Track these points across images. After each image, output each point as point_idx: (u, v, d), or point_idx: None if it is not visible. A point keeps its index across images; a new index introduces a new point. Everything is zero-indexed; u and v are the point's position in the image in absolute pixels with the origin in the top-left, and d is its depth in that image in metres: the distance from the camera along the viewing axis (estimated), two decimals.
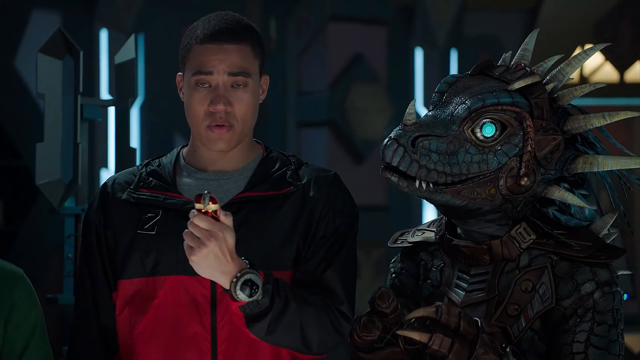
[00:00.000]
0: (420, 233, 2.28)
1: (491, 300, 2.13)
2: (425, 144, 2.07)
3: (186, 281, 2.15)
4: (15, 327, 2.18)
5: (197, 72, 2.17)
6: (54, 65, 3.00)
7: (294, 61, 5.90)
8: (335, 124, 5.77)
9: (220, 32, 2.17)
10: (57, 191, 2.99)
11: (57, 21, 5.70)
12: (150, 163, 2.28)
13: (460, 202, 2.10)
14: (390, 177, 2.08)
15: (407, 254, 2.30)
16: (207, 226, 2.00)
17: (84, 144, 3.03)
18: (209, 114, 2.17)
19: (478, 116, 2.10)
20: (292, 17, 5.91)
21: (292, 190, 2.22)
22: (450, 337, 1.97)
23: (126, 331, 2.20)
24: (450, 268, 2.20)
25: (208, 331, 2.15)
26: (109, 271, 2.21)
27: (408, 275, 2.28)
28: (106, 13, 5.71)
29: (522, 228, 2.14)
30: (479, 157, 2.10)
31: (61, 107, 3.00)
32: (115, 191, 2.24)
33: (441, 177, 2.08)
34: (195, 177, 2.24)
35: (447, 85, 2.17)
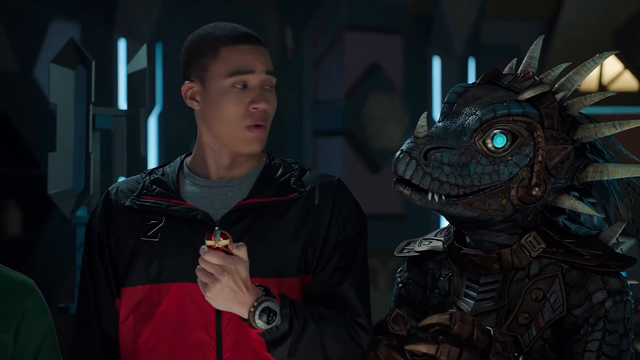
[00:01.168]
0: (427, 242, 2.28)
1: (501, 309, 2.12)
2: (437, 156, 2.07)
3: (191, 288, 2.14)
4: (25, 337, 2.19)
5: (237, 73, 2.17)
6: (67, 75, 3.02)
7: (311, 70, 5.90)
8: (352, 133, 5.77)
9: (248, 34, 2.21)
10: (69, 200, 3.00)
11: (76, 31, 5.73)
12: (154, 171, 2.28)
13: (472, 213, 2.10)
14: (402, 190, 2.09)
15: (413, 263, 2.29)
16: (219, 262, 2.00)
17: (96, 153, 3.03)
18: (248, 114, 2.17)
19: (489, 127, 2.10)
20: (308, 26, 5.92)
21: (297, 196, 2.22)
22: (457, 346, 1.97)
23: (130, 339, 2.19)
24: (458, 277, 2.20)
25: (213, 339, 2.14)
26: (112, 278, 2.21)
27: (415, 285, 2.27)
28: (124, 23, 5.74)
29: (532, 237, 2.14)
30: (490, 168, 2.10)
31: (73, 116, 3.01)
32: (119, 198, 2.24)
33: (453, 189, 2.08)
34: (199, 184, 2.24)
35: (456, 96, 2.17)
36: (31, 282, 2.24)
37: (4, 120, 5.41)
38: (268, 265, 2.16)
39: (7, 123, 5.40)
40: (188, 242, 2.16)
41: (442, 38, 6.52)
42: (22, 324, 2.18)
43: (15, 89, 5.26)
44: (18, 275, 2.24)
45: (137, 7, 5.77)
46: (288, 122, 6.01)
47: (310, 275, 2.19)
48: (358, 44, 5.80)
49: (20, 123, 5.34)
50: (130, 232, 2.20)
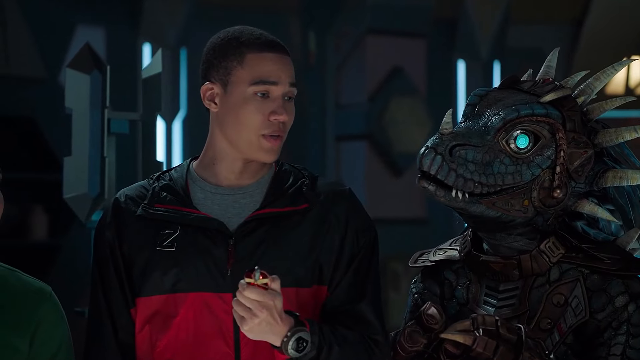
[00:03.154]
0: (442, 252, 2.27)
1: (522, 315, 2.11)
2: (462, 153, 2.07)
3: (208, 298, 2.14)
4: (41, 344, 2.18)
5: (261, 82, 2.15)
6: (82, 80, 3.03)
7: (333, 75, 5.90)
8: (374, 137, 5.77)
9: (275, 43, 2.19)
10: (85, 205, 3.01)
11: (102, 36, 5.77)
12: (161, 177, 2.25)
13: (495, 213, 2.09)
14: (427, 186, 2.07)
15: (428, 273, 2.28)
16: (258, 298, 2.01)
17: (111, 157, 3.04)
18: (267, 124, 2.16)
19: (512, 127, 2.10)
20: (331, 31, 5.92)
21: (310, 206, 2.21)
22: (494, 339, 1.96)
23: (147, 349, 2.18)
24: (476, 285, 2.19)
25: (232, 348, 2.14)
26: (126, 287, 2.19)
27: (431, 295, 2.26)
28: (149, 28, 5.77)
29: (551, 242, 2.13)
30: (513, 168, 2.10)
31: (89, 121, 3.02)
32: (128, 206, 2.21)
33: (477, 187, 2.07)
34: (209, 191, 2.23)
35: (478, 98, 2.17)
36: (48, 289, 2.24)
37: (30, 125, 5.46)
38: (283, 276, 2.15)
39: (33, 128, 5.45)
40: (204, 251, 2.15)
41: (467, 42, 6.50)
42: (38, 331, 2.18)
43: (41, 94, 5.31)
44: (36, 282, 2.24)
45: (162, 12, 5.80)
46: (311, 126, 6.01)
47: (323, 287, 2.20)
48: (381, 48, 5.79)
49: (46, 128, 5.39)
50: (145, 242, 2.17)
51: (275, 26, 6.06)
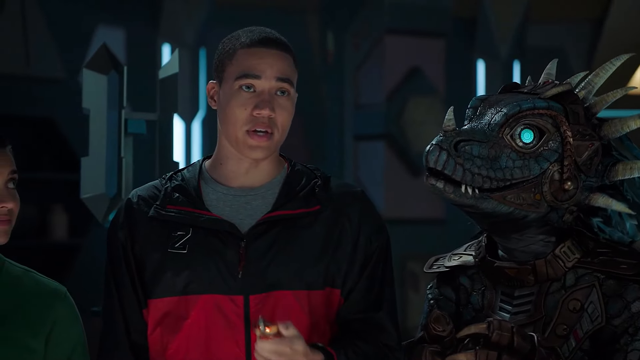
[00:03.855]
0: (457, 257, 2.26)
1: (538, 321, 2.10)
2: (467, 148, 2.06)
3: (219, 300, 2.13)
4: (56, 344, 2.19)
5: (244, 76, 2.14)
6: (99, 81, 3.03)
7: (352, 74, 5.89)
8: (393, 137, 5.75)
9: (268, 39, 2.18)
10: (102, 205, 3.01)
11: (122, 37, 5.79)
12: (173, 177, 2.25)
13: (507, 208, 2.07)
14: (435, 183, 2.06)
15: (443, 279, 2.28)
16: (273, 349, 2.01)
17: (128, 158, 3.05)
18: (251, 119, 2.14)
19: (515, 122, 2.10)
20: (350, 30, 5.91)
21: (322, 208, 2.20)
22: (495, 350, 1.95)
23: (158, 350, 2.18)
24: (492, 291, 2.18)
25: (242, 350, 2.13)
26: (139, 288, 2.19)
27: (447, 301, 2.26)
28: (169, 28, 5.78)
29: (567, 247, 2.12)
30: (521, 163, 2.09)
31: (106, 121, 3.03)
32: (141, 207, 2.21)
33: (486, 182, 2.06)
34: (221, 192, 2.22)
35: (479, 101, 2.17)
36: (63, 289, 2.25)
37: (50, 125, 5.49)
38: (296, 279, 2.15)
39: (53, 128, 5.48)
40: (216, 253, 2.15)
41: (486, 41, 6.48)
42: (53, 331, 2.19)
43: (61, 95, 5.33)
44: (51, 283, 2.25)
45: (182, 13, 5.81)
46: (329, 126, 6.00)
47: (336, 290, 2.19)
48: (399, 48, 5.77)
49: (65, 128, 5.41)
50: (157, 244, 2.17)
51: (294, 26, 6.06)
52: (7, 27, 5.31)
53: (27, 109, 5.43)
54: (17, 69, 5.36)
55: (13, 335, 2.14)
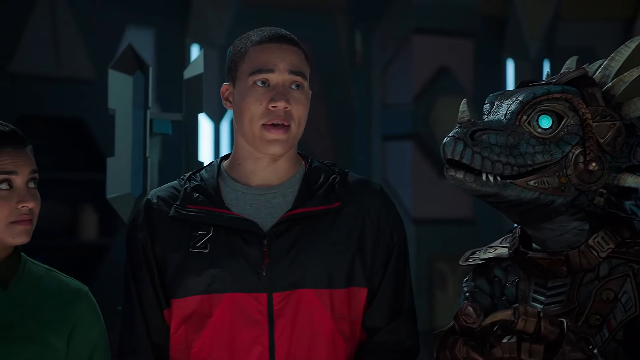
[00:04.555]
0: (492, 250, 2.25)
1: (571, 312, 2.08)
2: (484, 137, 2.04)
3: (242, 298, 2.14)
4: (77, 343, 2.21)
5: (258, 71, 2.16)
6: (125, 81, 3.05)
7: (379, 74, 5.88)
8: (420, 137, 5.73)
9: (279, 35, 2.21)
10: (127, 205, 3.02)
11: (151, 37, 5.81)
12: (192, 177, 2.26)
13: (532, 194, 2.05)
14: (455, 174, 2.03)
15: (479, 271, 2.27)
16: None
17: (154, 158, 3.05)
18: (267, 113, 2.16)
19: (531, 109, 2.08)
20: (377, 30, 5.90)
21: (343, 204, 2.21)
22: (515, 338, 1.93)
23: (182, 350, 2.19)
24: (525, 282, 2.16)
25: (266, 348, 2.14)
26: (159, 288, 2.20)
27: (482, 293, 2.24)
28: (197, 29, 5.80)
29: (600, 237, 2.10)
30: (541, 148, 2.07)
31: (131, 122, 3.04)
32: (161, 207, 2.22)
33: (507, 168, 2.03)
34: (241, 192, 2.23)
35: (495, 97, 2.17)
36: (85, 289, 2.26)
37: (80, 126, 5.52)
38: (319, 277, 2.16)
39: (83, 129, 5.51)
40: (238, 252, 2.16)
41: (516, 40, 6.44)
42: (75, 330, 2.20)
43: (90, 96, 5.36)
44: (73, 282, 2.26)
45: (210, 13, 5.82)
46: (356, 126, 6.00)
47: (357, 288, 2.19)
48: (427, 48, 5.76)
49: (96, 129, 5.44)
50: (178, 243, 2.18)
51: (322, 26, 6.06)
52: (38, 29, 5.35)
53: (57, 110, 5.46)
54: (48, 70, 5.39)
55: (36, 333, 2.16)
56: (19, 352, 2.13)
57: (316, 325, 2.16)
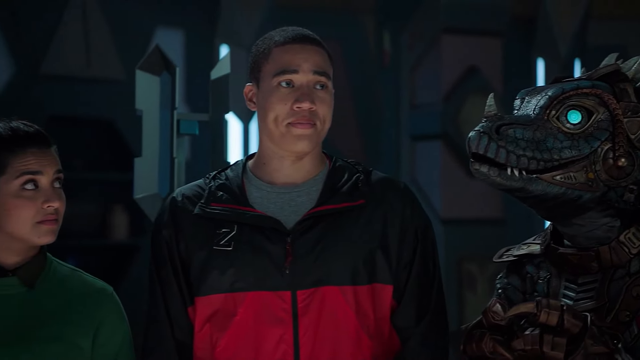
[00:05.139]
0: (525, 247, 2.25)
1: (601, 308, 2.07)
2: (510, 132, 2.03)
3: (266, 296, 2.15)
4: (102, 344, 2.22)
5: (282, 72, 2.17)
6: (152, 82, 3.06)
7: (408, 74, 5.86)
8: (450, 137, 5.71)
9: (302, 35, 2.21)
10: (155, 205, 3.04)
11: (181, 38, 5.84)
12: (217, 176, 2.27)
13: (558, 189, 2.05)
14: (479, 168, 2.03)
15: (512, 268, 2.26)
16: None
17: (181, 158, 3.07)
18: (292, 113, 2.17)
19: (560, 104, 2.08)
20: (406, 30, 5.89)
21: (367, 202, 2.21)
22: (537, 330, 1.93)
23: (207, 348, 2.20)
24: (557, 278, 2.16)
25: (291, 346, 2.15)
26: (184, 286, 2.21)
27: (514, 290, 2.24)
28: (227, 29, 5.81)
29: (632, 233, 2.09)
30: (569, 143, 2.07)
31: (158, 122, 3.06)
32: (186, 205, 2.23)
33: (532, 163, 2.03)
34: (265, 190, 2.24)
35: (526, 92, 2.16)
36: (110, 289, 2.28)
37: (110, 126, 5.55)
38: (342, 274, 2.16)
39: (113, 129, 5.54)
40: (262, 250, 2.17)
41: (546, 40, 6.40)
42: (100, 330, 2.22)
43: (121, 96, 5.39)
44: (98, 282, 2.28)
45: (239, 14, 5.84)
46: (385, 126, 5.99)
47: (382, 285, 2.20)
48: (456, 48, 5.73)
49: (126, 129, 5.47)
50: (202, 241, 2.20)
51: (350, 26, 6.06)
52: (69, 29, 5.39)
53: (88, 110, 5.50)
54: (78, 71, 5.43)
55: (62, 333, 2.18)
56: (44, 352, 2.15)
57: (340, 322, 2.17)
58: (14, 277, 2.19)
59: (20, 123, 2.21)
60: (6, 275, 2.19)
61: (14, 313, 2.17)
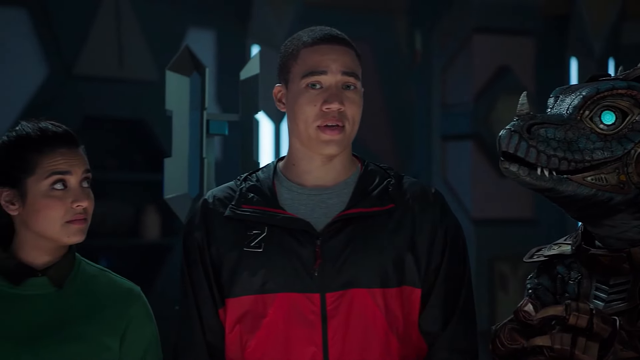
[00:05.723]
0: (556, 247, 2.23)
1: (632, 310, 2.05)
2: (541, 131, 2.01)
3: (295, 298, 2.15)
4: (130, 343, 2.23)
5: (310, 73, 2.17)
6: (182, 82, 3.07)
7: (439, 74, 5.85)
8: (481, 137, 5.69)
9: (330, 35, 2.21)
10: (185, 205, 3.05)
11: (212, 38, 5.86)
12: (248, 178, 2.27)
13: (589, 190, 2.03)
14: (508, 167, 2.01)
15: (543, 268, 2.25)
16: None
17: (210, 159, 3.08)
18: (321, 114, 2.17)
19: (594, 104, 2.05)
20: (437, 30, 5.87)
21: (396, 206, 2.21)
22: (570, 332, 1.92)
23: (237, 349, 2.20)
24: (588, 280, 2.14)
25: (320, 348, 2.15)
26: (215, 288, 2.21)
27: (544, 290, 2.22)
28: (258, 29, 5.83)
29: None
30: (602, 144, 2.04)
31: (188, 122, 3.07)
32: (216, 207, 2.23)
33: (563, 163, 2.01)
34: (296, 192, 2.24)
35: (560, 90, 2.14)
36: (138, 289, 2.28)
37: (142, 126, 5.58)
38: (371, 276, 2.16)
39: (145, 130, 5.57)
40: (291, 251, 2.17)
41: (580, 39, 6.36)
42: (128, 330, 2.22)
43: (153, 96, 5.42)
44: (126, 282, 2.28)
45: (270, 14, 5.85)
46: (416, 126, 5.97)
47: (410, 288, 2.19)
48: (487, 47, 5.71)
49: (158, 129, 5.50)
50: (233, 243, 2.20)
51: (381, 26, 6.05)
52: (102, 32, 5.43)
53: (120, 111, 5.53)
54: (111, 71, 5.46)
55: (90, 333, 2.19)
56: (73, 352, 2.16)
57: (369, 324, 2.16)
58: (44, 277, 2.20)
59: (49, 123, 2.22)
60: (35, 275, 2.20)
61: (42, 313, 2.18)
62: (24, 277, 2.19)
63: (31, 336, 2.15)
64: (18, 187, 2.18)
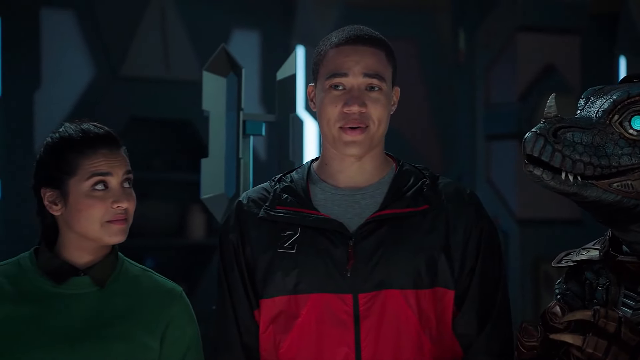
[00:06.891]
0: (584, 252, 2.20)
1: None
2: (568, 135, 1.99)
3: (328, 299, 2.16)
4: (170, 344, 2.24)
5: (332, 75, 2.17)
6: (218, 83, 3.08)
7: (483, 73, 5.80)
8: None
9: (356, 36, 2.20)
10: (221, 205, 3.06)
11: (257, 39, 5.88)
12: (282, 179, 2.28)
13: (614, 197, 1.99)
14: (533, 170, 1.99)
15: (571, 274, 2.23)
16: None
17: (247, 158, 3.08)
18: (342, 116, 2.17)
19: (625, 109, 2.02)
20: (481, 28, 5.83)
21: (431, 207, 2.19)
22: (605, 339, 1.90)
23: (271, 350, 2.21)
24: (616, 286, 2.12)
25: (352, 349, 2.15)
26: (250, 289, 2.22)
27: (573, 296, 2.20)
28: (302, 30, 5.83)
29: None
30: (630, 150, 2.01)
31: (225, 123, 3.08)
32: (251, 208, 2.24)
33: (588, 168, 1.98)
34: (330, 192, 2.24)
35: (593, 91, 2.11)
36: (179, 289, 2.30)
37: (188, 127, 5.62)
38: (404, 277, 2.15)
39: (191, 130, 5.61)
40: (324, 252, 2.17)
41: (629, 37, 6.27)
42: (168, 330, 2.24)
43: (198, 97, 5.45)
44: (167, 283, 2.30)
45: (314, 15, 5.85)
46: (460, 125, 5.94)
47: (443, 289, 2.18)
48: (532, 46, 5.65)
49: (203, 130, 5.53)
50: (267, 244, 2.21)
51: (425, 25, 6.02)
52: (148, 33, 5.47)
53: (167, 111, 5.57)
54: (158, 73, 5.51)
55: (132, 332, 2.20)
56: (114, 351, 2.17)
57: (402, 325, 2.16)
58: (86, 276, 2.22)
59: (91, 125, 2.25)
60: (78, 274, 2.22)
61: (84, 312, 2.20)
62: (67, 276, 2.21)
63: (73, 335, 2.18)
64: (61, 187, 2.20)
